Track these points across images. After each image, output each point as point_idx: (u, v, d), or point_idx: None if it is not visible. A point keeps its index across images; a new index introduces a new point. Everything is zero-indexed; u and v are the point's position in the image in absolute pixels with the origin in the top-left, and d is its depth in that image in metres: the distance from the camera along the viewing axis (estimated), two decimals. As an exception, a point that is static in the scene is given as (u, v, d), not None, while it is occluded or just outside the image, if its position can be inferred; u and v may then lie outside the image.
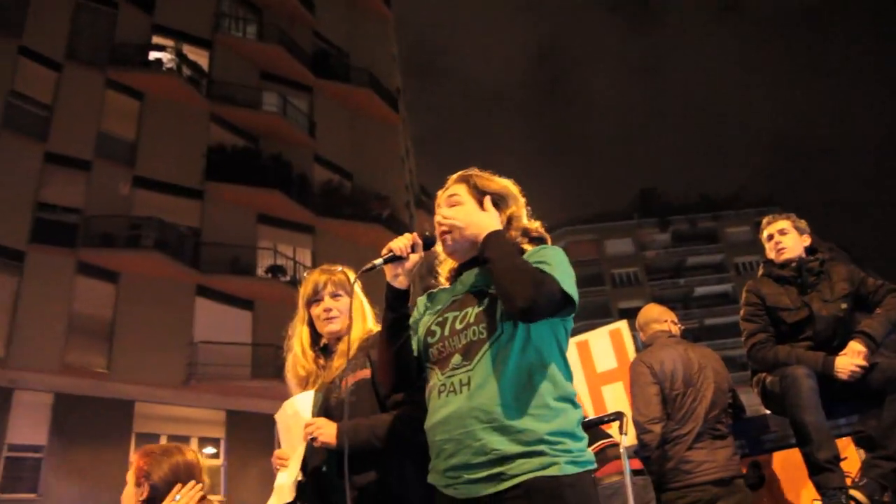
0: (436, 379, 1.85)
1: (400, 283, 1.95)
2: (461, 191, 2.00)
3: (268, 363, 17.35)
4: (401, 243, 1.93)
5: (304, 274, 2.58)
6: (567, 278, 1.79)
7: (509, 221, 1.98)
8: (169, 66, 19.83)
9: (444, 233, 1.97)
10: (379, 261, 1.95)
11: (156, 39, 20.08)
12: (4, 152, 16.43)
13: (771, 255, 3.66)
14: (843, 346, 3.28)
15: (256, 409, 17.23)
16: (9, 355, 15.13)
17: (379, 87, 24.65)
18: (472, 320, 1.82)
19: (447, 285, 2.05)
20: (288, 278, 19.34)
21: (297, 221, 20.55)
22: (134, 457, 2.36)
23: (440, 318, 1.91)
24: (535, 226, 2.04)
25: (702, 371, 3.45)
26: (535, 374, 1.75)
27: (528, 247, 1.98)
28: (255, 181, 19.49)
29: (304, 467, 2.30)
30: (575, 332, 4.32)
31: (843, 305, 3.40)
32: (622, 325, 4.00)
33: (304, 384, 2.44)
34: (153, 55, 19.75)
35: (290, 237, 20.56)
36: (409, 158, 30.56)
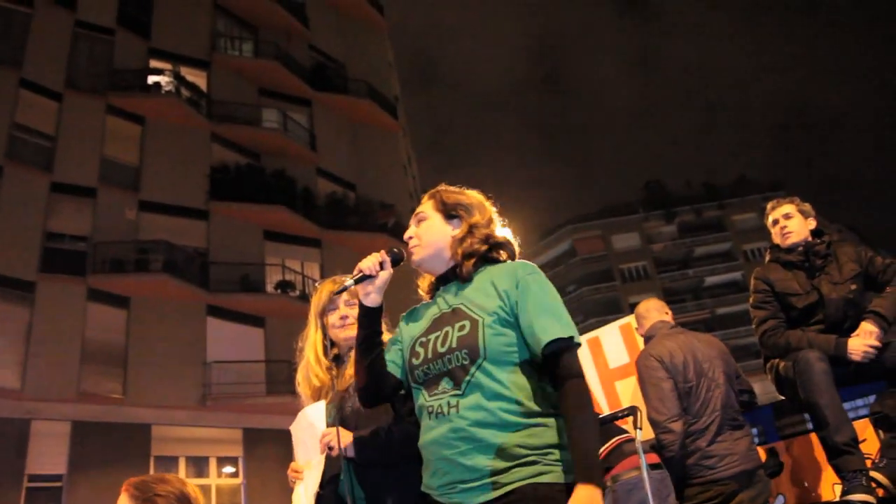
0: (423, 400, 1.87)
1: (371, 300, 2.00)
2: (427, 208, 2.07)
3: (282, 379, 17.36)
4: (369, 262, 1.99)
5: (316, 285, 2.60)
6: (563, 317, 1.82)
7: (470, 229, 2.00)
8: (168, 88, 19.95)
9: (412, 247, 2.03)
10: (350, 281, 2.02)
11: (154, 63, 20.21)
12: (11, 184, 16.56)
13: (777, 240, 3.65)
14: (854, 327, 3.26)
15: (273, 426, 17.23)
16: (24, 386, 15.19)
17: (377, 97, 24.74)
18: (454, 344, 1.83)
19: (428, 299, 2.08)
20: (297, 293, 19.39)
21: (304, 235, 20.62)
22: (124, 489, 2.18)
23: (423, 339, 1.93)
24: (502, 234, 2.07)
25: (710, 360, 3.33)
26: (520, 393, 1.77)
27: (501, 255, 2.01)
28: (260, 198, 19.58)
29: (323, 478, 2.30)
30: (586, 329, 4.33)
31: (853, 287, 3.38)
32: (632, 319, 3.98)
33: (318, 395, 2.45)
34: (152, 79, 19.88)
35: (297, 252, 20.62)
36: (411, 166, 30.63)
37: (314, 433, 2.31)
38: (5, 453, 14.51)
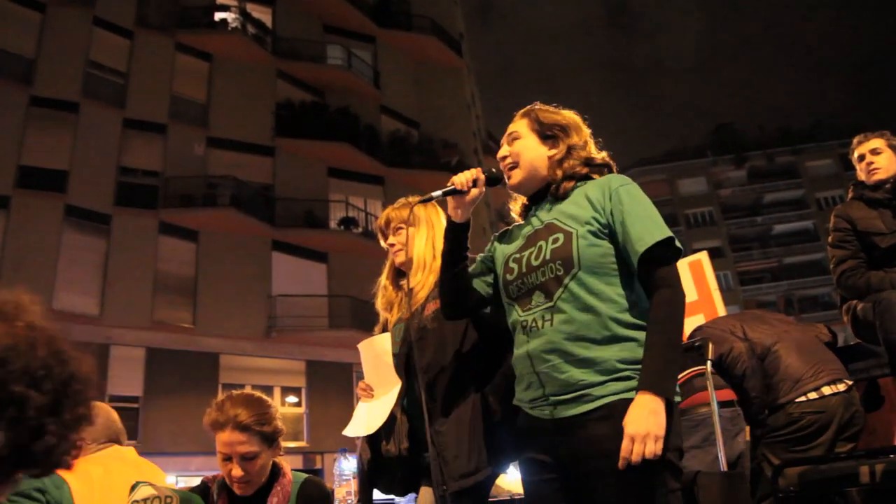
0: (517, 315, 1.87)
1: (457, 216, 2.02)
2: (521, 127, 2.02)
3: (344, 314, 17.78)
4: (462, 178, 1.99)
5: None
6: (658, 224, 1.79)
7: (568, 151, 1.96)
8: (234, 25, 20.06)
9: (508, 168, 2.00)
10: (438, 193, 2.02)
11: (220, 0, 20.30)
12: (87, 121, 17.10)
13: (862, 176, 3.46)
14: (944, 270, 3.11)
15: (334, 359, 17.76)
16: (103, 313, 16.00)
17: (441, 33, 24.36)
18: (548, 256, 1.82)
19: (520, 220, 2.06)
20: (360, 230, 19.63)
21: (367, 173, 20.76)
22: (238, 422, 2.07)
23: (517, 255, 1.92)
24: (601, 155, 2.01)
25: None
26: (615, 305, 1.75)
27: (596, 175, 1.97)
28: (324, 135, 19.72)
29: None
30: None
31: (944, 228, 3.20)
32: (702, 255, 3.89)
33: (389, 309, 2.55)
34: (218, 16, 20.03)
35: (360, 189, 20.81)
36: (475, 104, 30.25)
37: (379, 364, 2.39)
38: (88, 375, 15.37)
